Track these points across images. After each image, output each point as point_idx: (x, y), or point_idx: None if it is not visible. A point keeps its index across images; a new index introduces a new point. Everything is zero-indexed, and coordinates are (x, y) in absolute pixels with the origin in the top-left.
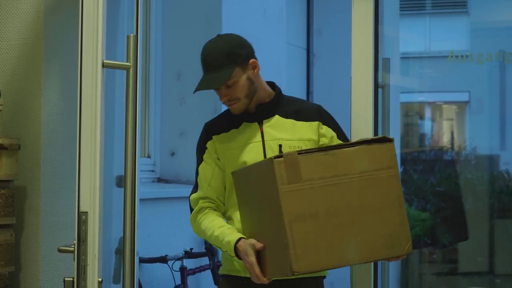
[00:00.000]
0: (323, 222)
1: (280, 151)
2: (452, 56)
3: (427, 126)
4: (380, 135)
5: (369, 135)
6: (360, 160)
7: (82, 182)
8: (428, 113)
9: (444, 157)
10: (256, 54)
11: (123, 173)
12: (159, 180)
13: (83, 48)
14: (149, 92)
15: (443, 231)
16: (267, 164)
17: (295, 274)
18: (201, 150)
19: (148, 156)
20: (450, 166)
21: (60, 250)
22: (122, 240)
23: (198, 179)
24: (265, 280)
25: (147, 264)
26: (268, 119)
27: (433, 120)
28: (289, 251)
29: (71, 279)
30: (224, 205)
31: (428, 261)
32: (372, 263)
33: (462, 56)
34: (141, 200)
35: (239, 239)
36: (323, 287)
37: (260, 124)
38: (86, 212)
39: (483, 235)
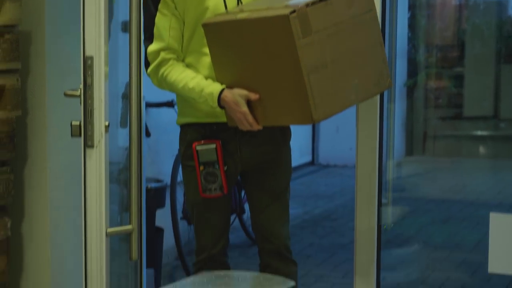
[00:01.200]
0: (331, 71)
1: None
2: None
3: None
4: None
5: None
6: (350, 6)
7: (87, 26)
8: None
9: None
10: None
11: (128, 18)
12: None
13: None
14: None
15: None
16: (280, 20)
17: (314, 122)
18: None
19: None
20: None
21: (66, 95)
22: (129, 84)
23: (155, 30)
24: (259, 127)
25: (154, 109)
26: None
27: None
28: (309, 101)
29: (78, 123)
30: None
31: (434, 106)
32: (378, 107)
33: None
34: None
35: (223, 89)
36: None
37: None
38: (92, 57)
39: (489, 80)
